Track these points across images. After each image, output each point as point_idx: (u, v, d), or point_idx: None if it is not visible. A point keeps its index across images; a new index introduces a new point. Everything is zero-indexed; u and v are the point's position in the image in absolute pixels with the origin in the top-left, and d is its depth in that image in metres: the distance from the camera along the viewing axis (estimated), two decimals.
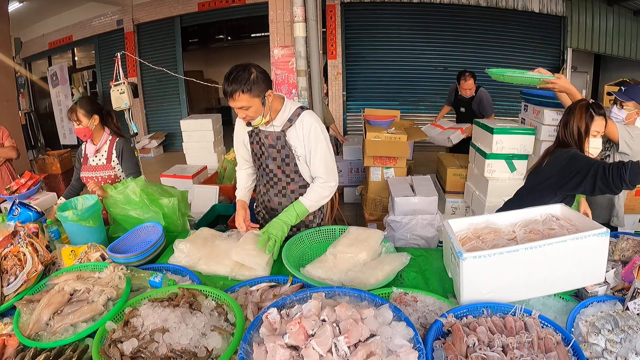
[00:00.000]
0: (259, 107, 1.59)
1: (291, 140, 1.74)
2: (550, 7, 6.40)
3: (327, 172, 1.76)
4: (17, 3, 6.89)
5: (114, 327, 1.16)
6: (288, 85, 3.21)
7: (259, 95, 1.57)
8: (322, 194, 1.76)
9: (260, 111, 1.61)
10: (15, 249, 1.47)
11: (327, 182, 1.77)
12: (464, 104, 4.14)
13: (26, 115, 7.65)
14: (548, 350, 1.00)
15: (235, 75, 1.53)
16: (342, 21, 6.65)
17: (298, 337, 0.94)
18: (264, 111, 1.62)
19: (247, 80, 1.52)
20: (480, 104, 4.01)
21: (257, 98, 1.57)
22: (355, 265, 1.51)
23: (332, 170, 1.79)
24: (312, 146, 1.72)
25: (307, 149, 1.73)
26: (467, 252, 1.16)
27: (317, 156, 1.74)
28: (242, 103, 1.56)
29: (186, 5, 7.20)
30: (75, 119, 2.18)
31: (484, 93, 4.02)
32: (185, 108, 7.89)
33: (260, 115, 1.62)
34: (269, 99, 1.62)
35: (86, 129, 2.20)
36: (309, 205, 1.75)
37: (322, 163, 1.75)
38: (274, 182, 1.86)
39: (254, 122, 1.65)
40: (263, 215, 2.03)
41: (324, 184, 1.76)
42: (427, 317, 1.20)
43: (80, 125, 2.19)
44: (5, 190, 2.43)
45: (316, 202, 1.77)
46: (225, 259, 1.61)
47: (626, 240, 1.48)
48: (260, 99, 1.58)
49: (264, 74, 1.61)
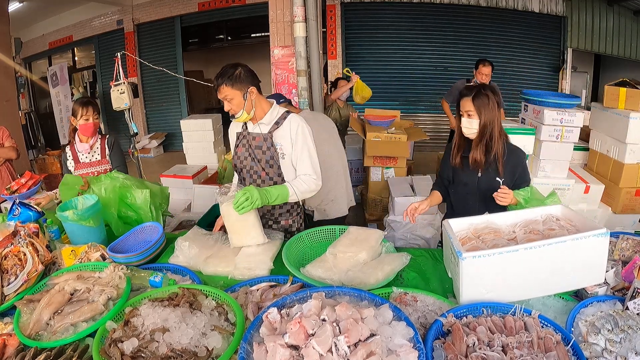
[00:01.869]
0: (240, 101, 1.70)
1: (278, 139, 1.79)
2: (550, 7, 6.40)
3: (316, 171, 1.79)
4: (17, 3, 6.88)
5: (114, 327, 1.16)
6: (288, 85, 3.22)
7: (240, 89, 1.69)
8: (310, 186, 1.76)
9: (241, 105, 1.70)
10: (16, 249, 1.47)
11: (316, 180, 1.78)
12: None
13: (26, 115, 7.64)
14: (548, 350, 1.00)
15: (223, 71, 1.70)
16: (342, 21, 6.65)
17: (298, 337, 0.94)
18: (245, 105, 1.71)
19: (231, 74, 1.68)
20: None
21: (239, 91, 1.69)
22: (355, 265, 1.51)
23: (318, 170, 1.81)
24: (299, 144, 1.77)
25: (294, 147, 1.77)
26: (467, 252, 1.16)
27: (304, 155, 1.78)
28: (225, 94, 1.69)
29: (186, 5, 7.20)
30: (90, 114, 2.34)
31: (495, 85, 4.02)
32: (185, 108, 7.89)
33: (242, 109, 1.71)
34: (251, 95, 1.73)
35: (97, 123, 2.39)
36: (292, 192, 1.73)
37: (309, 163, 1.78)
38: (257, 184, 1.88)
39: (237, 116, 1.73)
40: None
41: (313, 179, 1.77)
42: (427, 317, 1.20)
43: (90, 121, 2.35)
44: (6, 190, 2.43)
45: (300, 193, 1.75)
46: (226, 259, 1.61)
47: (626, 240, 1.48)
48: (242, 92, 1.70)
49: (250, 72, 1.74)
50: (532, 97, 2.96)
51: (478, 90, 1.70)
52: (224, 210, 1.65)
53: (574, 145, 2.79)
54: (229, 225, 1.68)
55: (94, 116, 2.35)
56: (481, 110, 1.69)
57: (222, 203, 1.64)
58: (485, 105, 1.68)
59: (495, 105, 1.70)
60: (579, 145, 3.12)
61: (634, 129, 2.61)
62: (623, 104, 2.69)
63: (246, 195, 1.57)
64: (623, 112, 2.67)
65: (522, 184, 1.73)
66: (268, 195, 1.65)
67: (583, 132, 2.90)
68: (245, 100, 1.70)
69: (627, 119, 2.60)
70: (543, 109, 2.75)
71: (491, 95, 1.70)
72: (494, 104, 1.69)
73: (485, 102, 1.68)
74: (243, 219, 1.62)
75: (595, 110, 3.00)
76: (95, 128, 2.38)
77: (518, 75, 6.71)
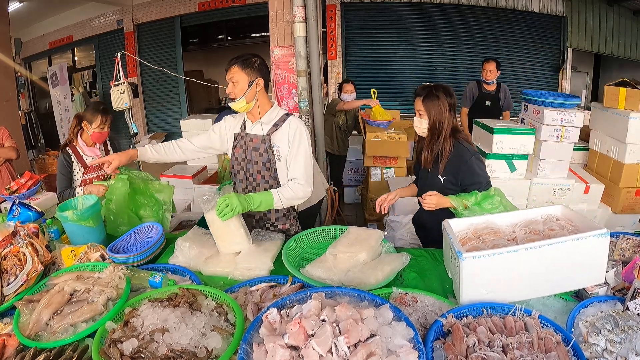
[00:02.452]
0: (244, 86, 1.70)
1: (276, 141, 1.78)
2: (550, 7, 6.39)
3: (306, 176, 1.75)
4: (17, 3, 6.88)
5: (114, 327, 1.16)
6: (288, 85, 3.21)
7: (249, 75, 1.70)
8: (297, 194, 1.73)
9: (244, 91, 1.70)
10: (15, 249, 1.47)
11: (303, 186, 1.74)
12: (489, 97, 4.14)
13: (26, 115, 7.65)
14: (548, 350, 1.00)
15: (240, 54, 1.73)
16: (342, 21, 6.65)
17: (298, 337, 0.94)
18: (247, 93, 1.70)
19: (246, 58, 1.71)
20: (506, 95, 4.07)
21: (247, 77, 1.70)
22: (355, 265, 1.51)
23: (310, 176, 1.78)
24: (296, 145, 1.75)
25: (290, 148, 1.76)
26: (467, 252, 1.16)
27: (298, 157, 1.75)
28: (232, 74, 1.70)
29: (186, 5, 7.20)
30: (104, 122, 2.29)
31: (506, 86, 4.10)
32: (185, 108, 7.89)
33: (243, 95, 1.69)
34: (257, 86, 1.72)
35: (108, 133, 2.36)
36: (277, 199, 1.70)
37: (302, 165, 1.75)
38: (252, 186, 1.87)
39: (236, 101, 1.71)
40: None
41: (300, 186, 1.74)
42: (427, 317, 1.20)
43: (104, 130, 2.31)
44: (5, 190, 2.43)
45: (287, 200, 1.72)
46: (225, 259, 1.61)
47: (626, 240, 1.48)
48: (249, 79, 1.70)
49: (265, 66, 1.76)
50: (532, 97, 2.95)
51: (429, 91, 1.76)
52: (208, 218, 1.66)
53: (574, 145, 2.78)
54: (214, 232, 1.68)
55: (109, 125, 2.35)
56: (430, 110, 1.75)
57: (207, 211, 1.65)
58: (435, 106, 1.74)
59: (445, 105, 1.74)
60: (579, 145, 3.12)
61: (634, 129, 2.61)
62: (623, 104, 2.69)
63: (226, 202, 1.57)
64: (623, 112, 2.67)
65: (470, 186, 1.73)
66: (250, 202, 1.64)
67: (583, 132, 2.89)
68: (249, 87, 1.70)
69: (627, 119, 2.60)
70: (543, 109, 2.75)
71: (442, 96, 1.74)
72: (444, 104, 1.74)
73: (435, 103, 1.74)
74: (226, 225, 1.63)
75: (595, 110, 3.00)
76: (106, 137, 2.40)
77: (518, 75, 6.71)
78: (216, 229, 1.66)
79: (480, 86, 4.13)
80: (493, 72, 3.96)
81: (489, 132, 2.83)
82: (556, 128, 2.72)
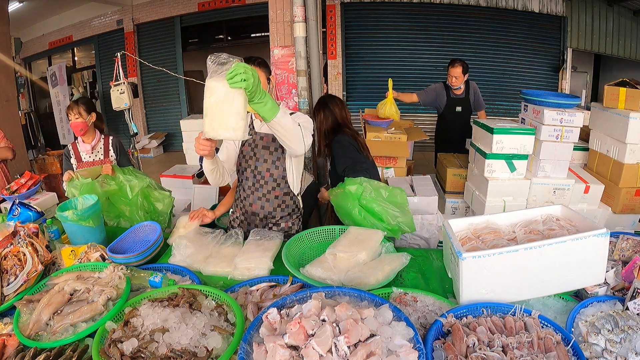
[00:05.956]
0: (264, 82, 1.75)
1: None
2: (550, 7, 6.40)
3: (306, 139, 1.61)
4: (17, 3, 6.89)
5: (114, 327, 1.16)
6: (288, 85, 3.21)
7: (266, 73, 1.79)
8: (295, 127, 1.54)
9: (265, 87, 1.74)
10: (15, 249, 1.47)
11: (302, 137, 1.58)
12: (459, 102, 4.02)
13: (26, 115, 7.65)
14: (548, 350, 1.00)
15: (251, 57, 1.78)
16: (342, 21, 6.65)
17: (298, 337, 0.94)
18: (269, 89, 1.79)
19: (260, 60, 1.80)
20: (475, 95, 3.95)
21: (265, 75, 1.77)
22: (355, 265, 1.51)
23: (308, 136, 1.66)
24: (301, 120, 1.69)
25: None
26: (467, 252, 1.16)
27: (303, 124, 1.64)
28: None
29: (186, 5, 7.20)
30: (76, 112, 2.40)
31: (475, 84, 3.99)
32: (185, 108, 7.90)
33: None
34: (272, 82, 1.84)
35: (84, 123, 2.43)
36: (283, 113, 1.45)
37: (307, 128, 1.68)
38: (260, 184, 1.86)
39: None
40: (241, 220, 2.03)
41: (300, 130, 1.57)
42: (427, 317, 1.20)
43: (79, 120, 2.41)
44: (5, 190, 2.43)
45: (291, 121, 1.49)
46: (225, 259, 1.61)
47: (626, 240, 1.48)
48: (266, 75, 1.79)
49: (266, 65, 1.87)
50: (532, 97, 2.95)
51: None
52: (210, 85, 1.29)
53: (573, 145, 2.78)
54: (207, 106, 1.31)
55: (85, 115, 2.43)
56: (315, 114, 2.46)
57: (212, 76, 1.29)
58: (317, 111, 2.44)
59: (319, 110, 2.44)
60: (579, 145, 3.12)
61: (634, 129, 2.61)
62: (623, 104, 2.69)
63: (245, 68, 1.24)
64: (623, 112, 2.67)
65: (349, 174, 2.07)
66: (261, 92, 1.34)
67: (583, 132, 2.89)
68: (269, 84, 1.78)
69: (627, 119, 2.60)
70: (543, 109, 2.74)
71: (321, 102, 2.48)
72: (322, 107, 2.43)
73: (317, 108, 2.46)
74: (228, 101, 1.27)
75: (595, 110, 3.00)
76: (83, 127, 2.44)
77: (518, 75, 6.72)
78: (214, 102, 1.29)
79: (448, 91, 3.97)
80: (459, 79, 3.82)
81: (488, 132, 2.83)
82: (556, 128, 2.72)
